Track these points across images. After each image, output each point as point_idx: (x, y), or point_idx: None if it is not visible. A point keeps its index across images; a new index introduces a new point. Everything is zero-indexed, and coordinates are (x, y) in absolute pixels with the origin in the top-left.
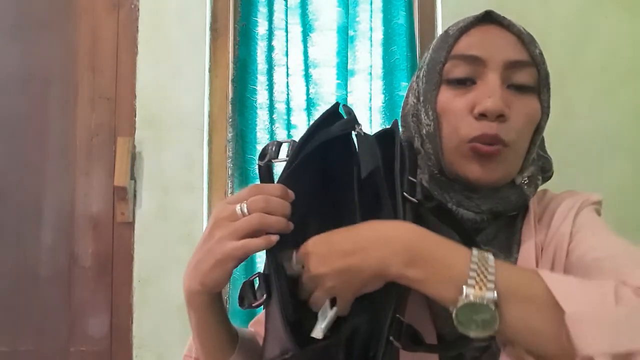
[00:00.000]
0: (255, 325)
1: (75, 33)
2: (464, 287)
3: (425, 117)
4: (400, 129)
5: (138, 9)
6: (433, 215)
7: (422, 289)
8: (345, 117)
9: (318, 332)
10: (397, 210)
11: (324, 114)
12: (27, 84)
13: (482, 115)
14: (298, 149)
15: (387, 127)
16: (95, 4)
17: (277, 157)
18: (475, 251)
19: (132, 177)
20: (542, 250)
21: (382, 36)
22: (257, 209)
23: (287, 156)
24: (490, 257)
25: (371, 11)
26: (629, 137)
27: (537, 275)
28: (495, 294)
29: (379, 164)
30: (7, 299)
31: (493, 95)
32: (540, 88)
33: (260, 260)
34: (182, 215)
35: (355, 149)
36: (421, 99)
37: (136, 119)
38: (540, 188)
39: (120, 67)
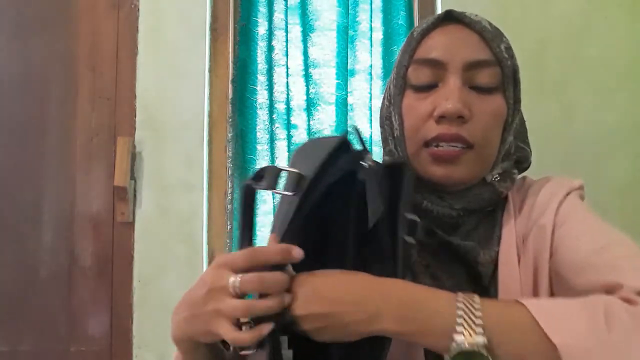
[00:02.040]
0: None
1: (75, 33)
2: (454, 335)
3: (394, 121)
4: (379, 130)
5: (138, 9)
6: (434, 252)
7: (414, 341)
8: (353, 138)
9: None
10: (397, 255)
11: (331, 148)
12: (27, 84)
13: (442, 118)
14: (306, 194)
15: (399, 159)
16: (95, 4)
17: (274, 187)
18: (460, 296)
19: (132, 177)
20: (523, 242)
21: (382, 36)
22: (249, 289)
23: (292, 190)
24: (476, 298)
25: (371, 11)
26: (629, 137)
27: (522, 308)
28: (485, 339)
29: (384, 212)
30: (7, 299)
31: (451, 97)
32: (505, 85)
33: None
34: (182, 215)
35: (356, 171)
36: (392, 101)
37: (136, 119)
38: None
39: (120, 67)
